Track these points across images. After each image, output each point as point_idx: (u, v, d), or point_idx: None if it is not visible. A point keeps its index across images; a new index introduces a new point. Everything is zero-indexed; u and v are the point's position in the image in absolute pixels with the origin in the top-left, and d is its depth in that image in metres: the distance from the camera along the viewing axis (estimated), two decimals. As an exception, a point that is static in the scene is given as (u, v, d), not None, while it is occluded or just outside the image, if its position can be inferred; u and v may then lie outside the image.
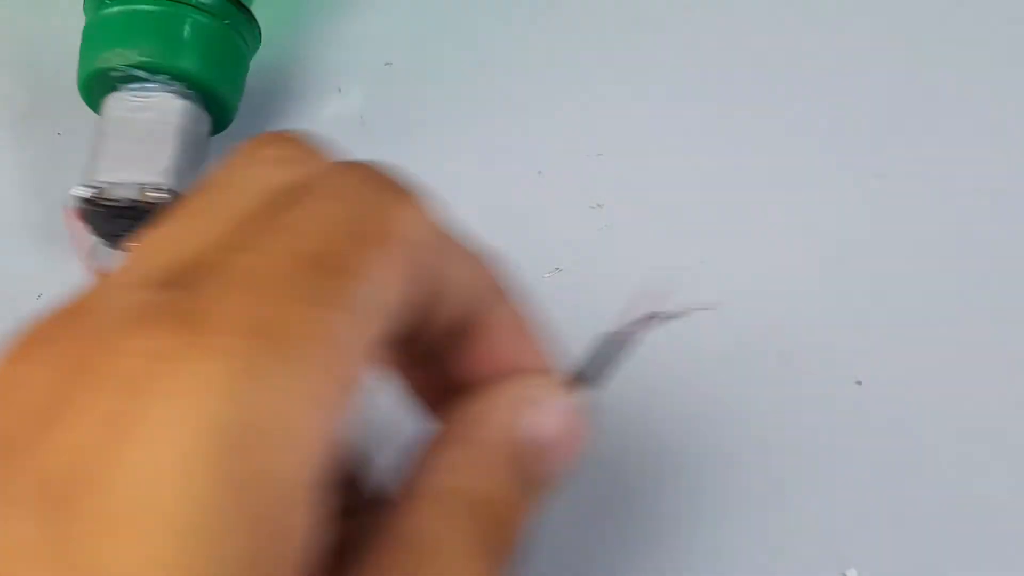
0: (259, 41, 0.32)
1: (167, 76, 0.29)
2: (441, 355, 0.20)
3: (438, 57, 0.35)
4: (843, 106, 0.33)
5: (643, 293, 0.21)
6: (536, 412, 0.19)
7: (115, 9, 0.30)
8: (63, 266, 0.30)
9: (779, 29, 0.35)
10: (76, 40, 0.30)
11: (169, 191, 0.28)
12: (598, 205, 0.31)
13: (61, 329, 0.15)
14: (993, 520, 0.26)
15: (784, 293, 0.30)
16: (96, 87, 0.30)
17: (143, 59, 0.29)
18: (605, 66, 0.34)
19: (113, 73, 0.29)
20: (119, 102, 0.30)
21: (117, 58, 0.29)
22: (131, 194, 0.28)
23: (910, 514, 0.26)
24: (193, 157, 0.30)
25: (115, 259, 0.30)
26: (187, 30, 0.30)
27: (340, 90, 0.34)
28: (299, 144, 0.18)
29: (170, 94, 0.29)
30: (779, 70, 0.34)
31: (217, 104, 0.30)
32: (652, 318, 0.21)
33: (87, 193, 0.28)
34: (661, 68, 0.34)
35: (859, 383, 0.28)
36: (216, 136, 0.32)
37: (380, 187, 0.17)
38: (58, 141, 0.32)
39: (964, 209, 0.31)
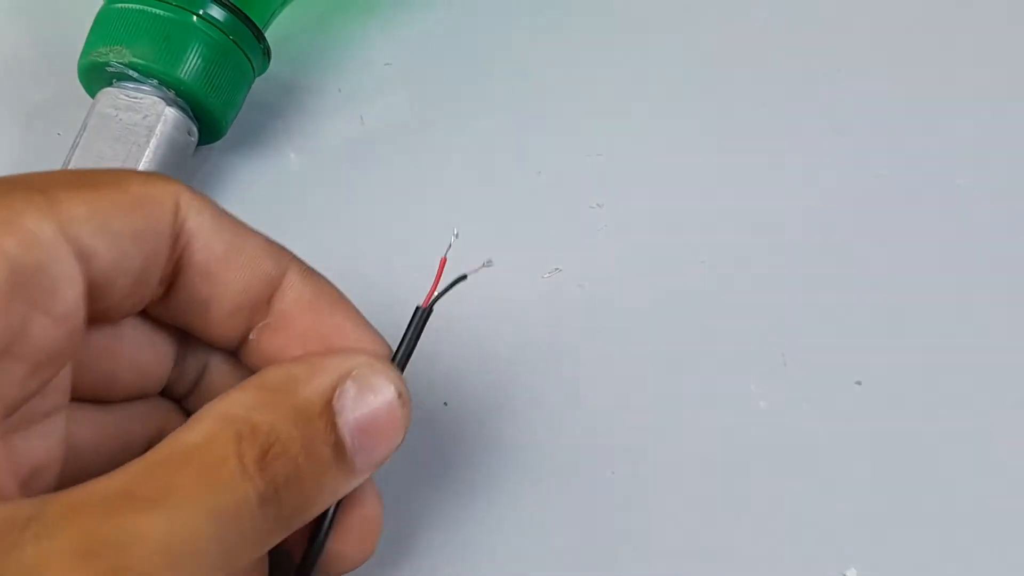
0: (267, 64, 0.32)
1: (160, 81, 0.29)
2: (264, 334, 0.22)
3: (438, 57, 0.35)
4: (843, 105, 0.33)
5: (437, 266, 0.22)
6: (360, 392, 0.20)
7: (126, 4, 0.29)
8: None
9: (779, 29, 0.35)
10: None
11: None
12: (598, 205, 0.31)
13: None
14: (993, 520, 0.26)
15: (784, 293, 0.30)
16: (94, 78, 0.30)
17: (135, 60, 0.29)
18: (605, 67, 0.34)
19: (108, 68, 0.29)
20: (109, 98, 0.29)
21: (113, 54, 0.29)
22: None
23: (910, 514, 0.26)
24: (170, 165, 0.29)
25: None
26: (190, 40, 0.29)
27: (340, 90, 0.34)
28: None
29: (160, 99, 0.29)
30: (779, 70, 0.34)
31: (208, 117, 0.30)
32: (459, 281, 0.22)
33: None
34: (661, 69, 0.34)
35: (859, 383, 0.28)
36: (207, 146, 0.32)
37: (143, 174, 0.21)
38: (58, 141, 0.32)
39: (964, 209, 0.31)
